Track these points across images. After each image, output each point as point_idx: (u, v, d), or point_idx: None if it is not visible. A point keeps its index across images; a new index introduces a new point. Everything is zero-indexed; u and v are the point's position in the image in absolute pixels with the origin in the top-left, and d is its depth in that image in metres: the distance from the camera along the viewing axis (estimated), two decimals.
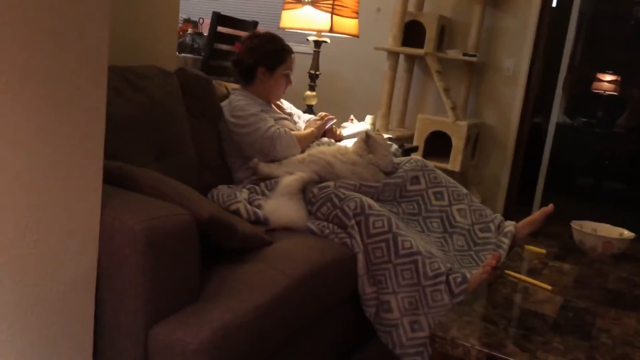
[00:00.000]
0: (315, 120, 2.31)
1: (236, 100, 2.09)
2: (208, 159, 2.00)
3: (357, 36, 2.87)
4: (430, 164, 2.09)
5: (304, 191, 1.84)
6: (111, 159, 1.33)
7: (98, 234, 1.12)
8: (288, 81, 2.20)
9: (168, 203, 1.24)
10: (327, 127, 2.32)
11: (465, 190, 2.03)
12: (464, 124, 3.13)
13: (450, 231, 1.93)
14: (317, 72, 3.17)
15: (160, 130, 1.77)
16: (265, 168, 1.99)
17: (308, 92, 3.17)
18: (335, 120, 2.37)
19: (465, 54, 3.28)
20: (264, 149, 2.00)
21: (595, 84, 4.14)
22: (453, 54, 3.33)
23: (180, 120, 1.88)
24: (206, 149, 2.01)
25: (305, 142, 2.15)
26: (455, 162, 3.16)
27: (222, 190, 1.87)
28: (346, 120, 2.70)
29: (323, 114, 2.35)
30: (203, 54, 3.44)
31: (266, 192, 1.91)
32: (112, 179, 1.29)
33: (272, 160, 2.02)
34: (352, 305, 1.72)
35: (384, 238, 1.68)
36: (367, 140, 2.02)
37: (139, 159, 1.64)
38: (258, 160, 2.00)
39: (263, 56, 2.11)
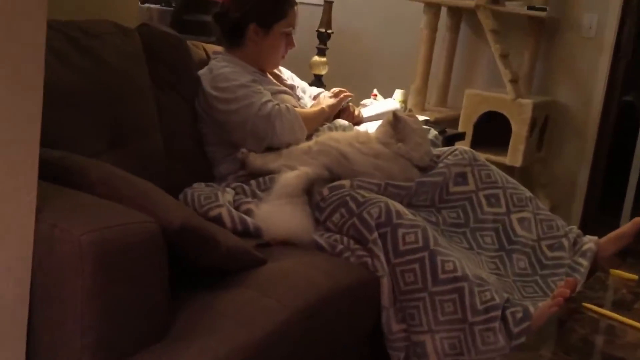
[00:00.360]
0: (326, 97, 2.31)
1: (219, 67, 2.09)
2: (180, 147, 2.01)
3: None
4: (482, 156, 2.08)
5: (310, 192, 1.84)
6: (50, 146, 1.33)
7: (32, 247, 1.12)
8: (289, 43, 2.20)
9: (126, 207, 1.24)
10: (342, 105, 2.32)
11: (529, 194, 2.02)
12: (528, 102, 3.12)
13: (508, 248, 1.93)
14: (329, 31, 3.18)
15: (116, 107, 1.78)
16: (257, 160, 1.98)
17: (316, 58, 3.17)
18: (352, 97, 2.37)
19: (530, 7, 3.27)
20: (258, 132, 2.00)
21: None
22: (514, 7, 3.32)
23: (142, 94, 1.88)
24: (177, 133, 2.01)
25: (313, 123, 2.15)
26: (515, 154, 3.16)
27: (199, 190, 1.87)
28: (367, 97, 2.70)
29: (337, 89, 2.35)
30: (174, 5, 3.46)
31: (258, 192, 1.91)
32: (51, 174, 1.29)
33: (268, 149, 2.02)
34: (374, 347, 1.72)
35: (417, 257, 1.68)
36: (395, 123, 2.02)
37: (87, 146, 1.65)
38: (247, 150, 2.00)
39: (255, 8, 2.11)
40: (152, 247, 1.20)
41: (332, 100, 2.27)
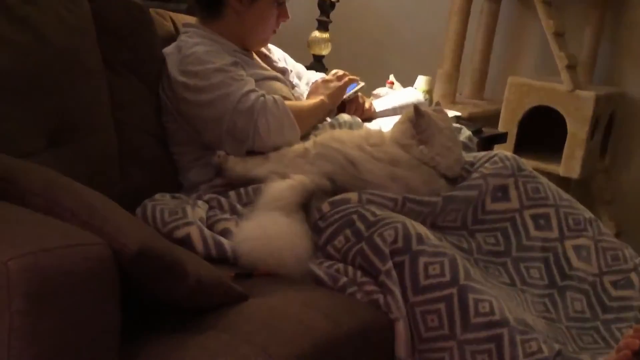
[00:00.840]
0: (326, 81, 2.32)
1: (190, 45, 2.10)
2: (139, 147, 2.01)
3: None
4: (529, 165, 2.08)
5: (306, 208, 1.84)
6: None
7: None
8: (282, 14, 2.21)
9: (68, 224, 1.24)
10: (348, 94, 2.32)
11: (588, 214, 2.02)
12: (589, 95, 3.13)
13: (561, 285, 1.93)
14: (332, 0, 3.19)
15: (58, 94, 1.78)
16: (238, 165, 1.99)
17: (316, 34, 3.19)
18: (362, 85, 2.37)
19: None
20: (236, 132, 2.01)
21: None
22: None
23: (92, 79, 1.89)
24: (136, 128, 2.02)
25: (309, 119, 2.15)
26: (572, 163, 3.16)
27: (163, 203, 1.88)
28: (382, 85, 2.71)
29: (340, 72, 2.35)
30: None
31: (238, 207, 1.91)
32: None
33: (251, 153, 2.02)
34: None
35: (443, 295, 1.67)
36: (417, 120, 2.02)
37: (20, 143, 1.65)
38: (226, 153, 2.01)
39: None
40: (100, 277, 1.20)
41: (334, 88, 2.27)
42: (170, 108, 2.08)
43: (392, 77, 2.77)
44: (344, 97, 2.31)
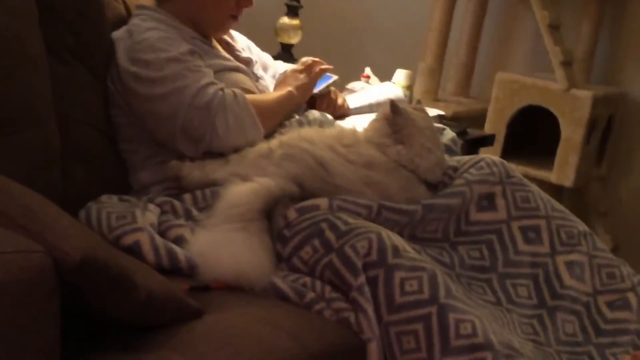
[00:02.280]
0: (296, 72, 2.32)
1: (143, 29, 2.09)
2: (83, 142, 2.01)
3: None
4: (518, 171, 2.10)
5: (270, 215, 1.85)
6: None
7: None
8: None
9: (1, 229, 1.23)
10: (319, 89, 2.32)
11: (583, 227, 2.04)
12: (586, 95, 3.16)
13: (551, 305, 1.94)
14: None
15: None
16: (195, 171, 1.98)
17: (285, 20, 3.19)
18: (336, 79, 2.38)
19: None
20: (191, 130, 2.00)
21: None
22: None
23: (32, 65, 1.87)
24: (80, 121, 2.01)
25: (275, 116, 2.15)
26: (565, 169, 3.19)
27: (109, 206, 1.87)
28: (357, 78, 2.72)
29: (309, 59, 2.35)
30: None
31: (194, 212, 1.91)
32: None
33: (209, 154, 2.02)
34: None
35: (421, 314, 1.68)
36: (394, 117, 2.03)
37: None
38: (179, 161, 2.00)
39: None
40: (38, 290, 1.19)
41: (303, 78, 2.27)
42: (119, 100, 2.07)
43: (367, 70, 2.79)
44: (315, 91, 2.31)
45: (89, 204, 1.89)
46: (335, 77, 2.37)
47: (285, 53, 3.12)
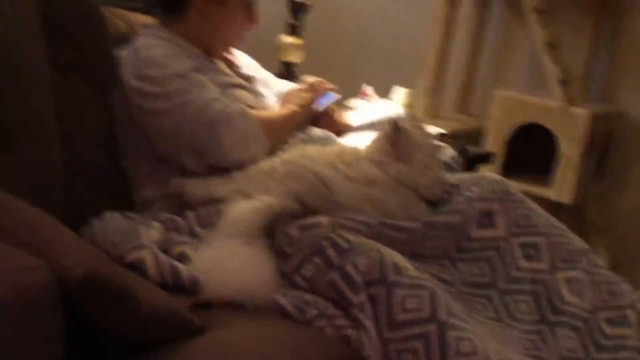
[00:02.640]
0: (299, 90, 2.32)
1: (149, 47, 2.10)
2: (86, 158, 2.01)
3: None
4: (517, 187, 2.10)
5: (272, 232, 1.85)
6: None
7: None
8: (250, 17, 2.22)
9: (5, 245, 1.23)
10: (322, 106, 2.33)
11: (582, 244, 2.04)
12: (583, 113, 3.16)
13: (551, 321, 1.93)
14: (304, 1, 3.19)
15: None
16: (198, 189, 1.99)
17: (286, 39, 3.18)
18: (338, 97, 2.38)
19: None
20: (197, 145, 2.01)
21: None
22: None
23: (36, 82, 1.88)
24: (84, 137, 2.01)
25: (279, 132, 2.15)
26: (564, 186, 3.19)
27: (112, 223, 1.87)
28: (357, 96, 2.72)
29: (313, 79, 2.35)
30: None
31: (197, 229, 1.91)
32: None
33: (212, 170, 2.02)
34: None
35: (421, 332, 1.67)
36: (395, 136, 2.03)
37: None
38: (182, 179, 2.00)
39: None
40: (42, 305, 1.19)
41: (307, 97, 2.28)
42: (122, 116, 2.07)
43: (368, 89, 2.78)
44: (317, 109, 2.31)
45: (92, 220, 1.90)
46: (337, 96, 2.37)
47: (286, 71, 3.13)
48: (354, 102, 2.61)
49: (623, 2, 3.48)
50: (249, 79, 2.34)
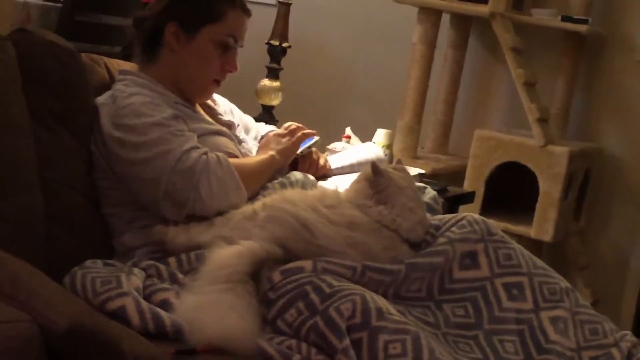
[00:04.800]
0: (278, 135, 2.33)
1: (126, 94, 2.10)
2: (67, 208, 2.00)
3: None
4: (497, 226, 2.10)
5: (256, 278, 1.84)
6: None
7: None
8: (228, 60, 2.22)
9: None
10: (301, 150, 2.34)
11: (564, 283, 2.04)
12: (562, 150, 3.18)
13: (538, 359, 1.94)
14: (285, 44, 3.22)
15: None
16: (180, 236, 1.99)
17: (265, 82, 3.21)
18: (317, 140, 2.39)
19: (566, 18, 3.35)
20: (175, 194, 2.00)
21: None
22: (544, 16, 3.40)
23: (15, 131, 1.87)
24: (64, 186, 2.01)
25: (258, 179, 2.16)
26: (544, 224, 3.20)
27: (94, 271, 1.86)
28: (338, 138, 2.73)
29: (293, 125, 2.36)
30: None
31: (179, 275, 1.90)
32: None
33: (192, 218, 2.02)
34: None
35: None
36: (376, 178, 2.04)
37: None
38: (164, 226, 2.00)
39: (178, 3, 2.16)
40: (26, 358, 1.18)
41: (286, 143, 2.28)
42: (102, 164, 2.07)
43: (348, 130, 2.80)
44: (297, 152, 2.32)
45: (73, 269, 1.88)
46: (317, 138, 2.38)
47: (266, 114, 3.14)
48: (334, 145, 2.62)
49: (600, 42, 3.52)
50: (229, 125, 2.34)
